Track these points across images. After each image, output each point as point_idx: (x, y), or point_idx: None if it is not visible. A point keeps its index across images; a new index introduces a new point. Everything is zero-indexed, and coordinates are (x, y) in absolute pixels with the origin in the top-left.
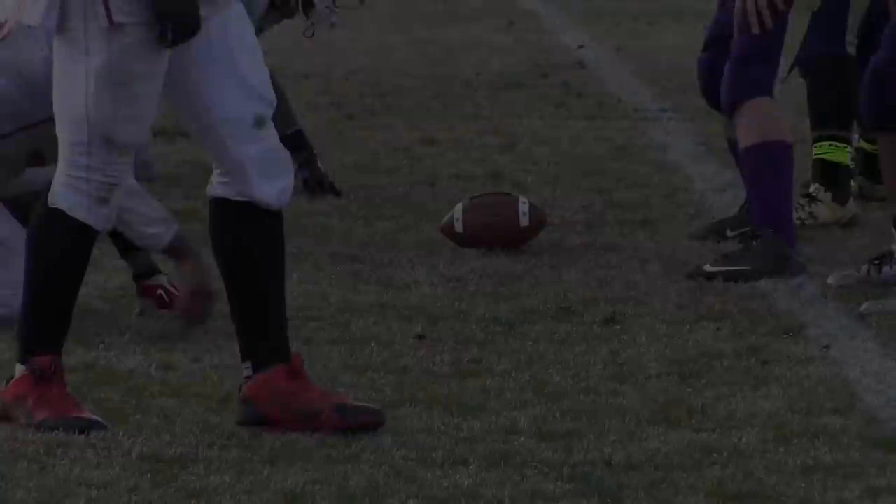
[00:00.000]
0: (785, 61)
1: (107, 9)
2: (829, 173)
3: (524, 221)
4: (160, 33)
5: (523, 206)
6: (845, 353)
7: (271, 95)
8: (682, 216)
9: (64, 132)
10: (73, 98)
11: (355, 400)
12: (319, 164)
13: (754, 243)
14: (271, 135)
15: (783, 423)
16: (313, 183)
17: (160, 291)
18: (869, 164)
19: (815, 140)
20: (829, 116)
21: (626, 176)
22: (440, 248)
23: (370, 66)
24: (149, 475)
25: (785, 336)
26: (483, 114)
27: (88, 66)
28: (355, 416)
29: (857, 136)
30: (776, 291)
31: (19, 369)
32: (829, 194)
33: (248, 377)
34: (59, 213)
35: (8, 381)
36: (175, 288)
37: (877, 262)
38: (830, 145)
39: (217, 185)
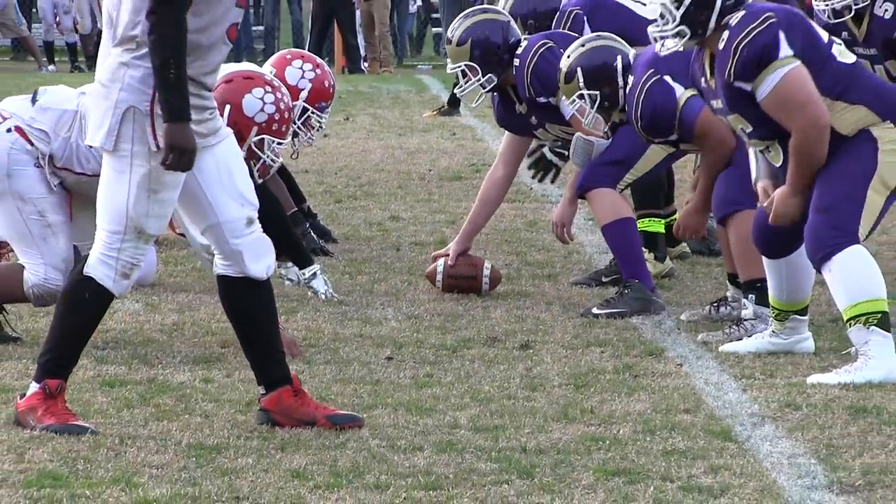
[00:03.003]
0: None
1: (155, 136)
2: (650, 240)
3: (485, 288)
4: (163, 160)
5: (485, 282)
6: (693, 369)
7: (256, 201)
8: (576, 271)
9: (104, 222)
10: (117, 198)
11: (342, 407)
12: (313, 235)
13: (626, 291)
14: (256, 228)
15: (649, 420)
16: (310, 249)
17: None
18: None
19: (638, 217)
20: (646, 199)
21: (536, 243)
22: (403, 295)
23: (353, 164)
24: (194, 458)
25: (650, 357)
26: (434, 198)
27: (131, 178)
28: (342, 421)
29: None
30: (643, 325)
31: (33, 387)
32: (651, 255)
33: (263, 394)
34: (90, 280)
35: (22, 396)
36: None
37: (716, 304)
38: (650, 220)
39: (220, 266)
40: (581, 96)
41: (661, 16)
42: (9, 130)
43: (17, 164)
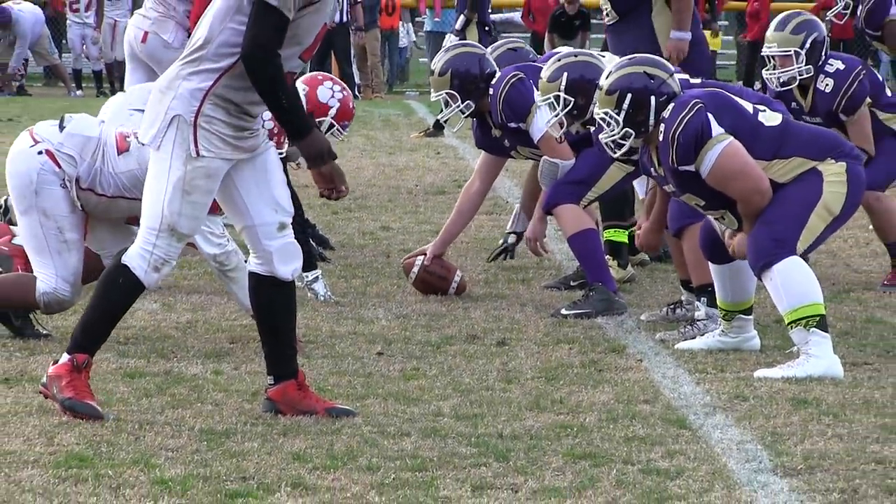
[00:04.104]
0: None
1: (195, 143)
2: (614, 248)
3: (451, 291)
4: (309, 164)
5: (453, 286)
6: (652, 364)
7: (291, 208)
8: (547, 276)
9: (145, 218)
10: (156, 197)
11: (339, 400)
12: (312, 242)
13: (591, 293)
14: (288, 234)
15: (612, 409)
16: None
17: None
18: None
19: (605, 228)
20: (612, 212)
21: None
22: (393, 297)
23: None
24: (205, 442)
25: (613, 353)
26: (420, 210)
27: (169, 178)
28: (339, 415)
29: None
30: (607, 324)
31: (64, 357)
32: (615, 262)
33: (270, 385)
34: (125, 268)
35: (54, 363)
36: None
37: (672, 306)
38: (614, 231)
39: (253, 264)
40: (557, 97)
41: (607, 123)
42: (40, 153)
43: (45, 184)
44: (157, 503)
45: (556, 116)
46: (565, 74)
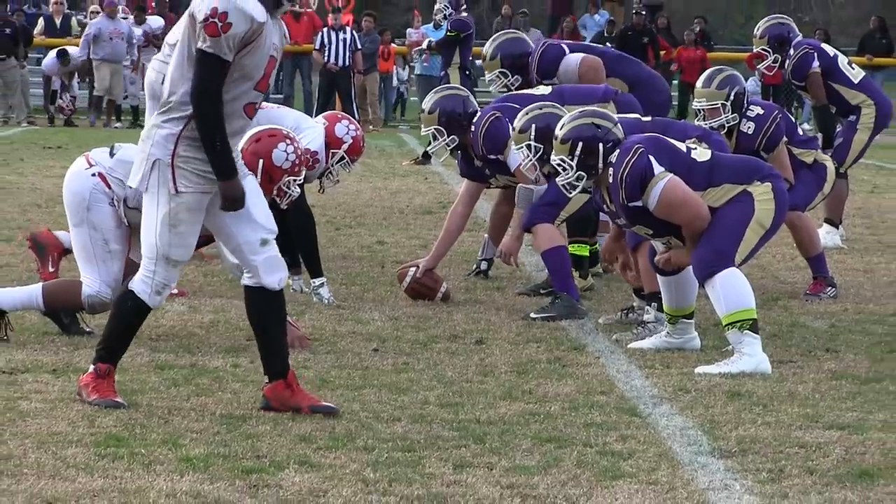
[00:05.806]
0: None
1: (174, 181)
2: (577, 262)
3: (437, 300)
4: (223, 206)
5: (439, 295)
6: (608, 361)
7: (272, 225)
8: (519, 285)
9: (144, 250)
10: (149, 232)
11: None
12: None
13: (557, 300)
14: (272, 247)
15: (574, 399)
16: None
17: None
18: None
19: (569, 243)
20: (576, 230)
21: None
22: (387, 301)
23: (349, 201)
24: (225, 426)
25: (575, 351)
26: (410, 228)
27: (158, 214)
28: (322, 411)
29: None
30: (570, 326)
31: (90, 368)
32: (576, 273)
33: (266, 383)
34: (132, 293)
35: (84, 373)
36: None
37: (625, 311)
38: (578, 246)
39: (245, 278)
40: (528, 146)
41: (563, 168)
42: (93, 175)
43: (96, 201)
44: (183, 478)
45: (530, 161)
46: (533, 126)
